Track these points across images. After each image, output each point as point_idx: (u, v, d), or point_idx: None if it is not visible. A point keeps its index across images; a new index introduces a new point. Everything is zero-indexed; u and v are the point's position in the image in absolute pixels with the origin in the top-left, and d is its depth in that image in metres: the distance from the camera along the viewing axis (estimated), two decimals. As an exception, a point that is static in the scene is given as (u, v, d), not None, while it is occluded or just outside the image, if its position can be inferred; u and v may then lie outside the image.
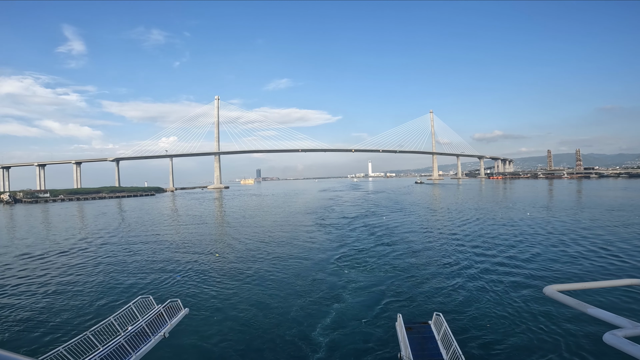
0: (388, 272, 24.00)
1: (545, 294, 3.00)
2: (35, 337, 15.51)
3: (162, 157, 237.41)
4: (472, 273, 23.24)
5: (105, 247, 36.62)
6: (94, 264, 28.99)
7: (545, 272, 23.06)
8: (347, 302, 18.87)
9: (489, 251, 29.34)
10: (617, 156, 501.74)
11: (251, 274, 24.55)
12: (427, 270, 24.18)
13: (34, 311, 18.66)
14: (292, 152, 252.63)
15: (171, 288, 21.88)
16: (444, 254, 28.79)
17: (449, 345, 10.87)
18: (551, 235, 35.45)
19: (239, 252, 32.38)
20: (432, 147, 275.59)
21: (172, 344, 13.46)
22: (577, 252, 28.37)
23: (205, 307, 18.53)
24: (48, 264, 29.49)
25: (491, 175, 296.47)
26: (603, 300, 17.43)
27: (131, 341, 11.26)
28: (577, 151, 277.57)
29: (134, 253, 33.10)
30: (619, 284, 3.22)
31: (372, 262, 26.92)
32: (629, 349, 2.03)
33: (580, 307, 2.69)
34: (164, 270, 26.15)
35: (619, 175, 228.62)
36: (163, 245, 36.68)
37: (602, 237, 33.47)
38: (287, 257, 29.62)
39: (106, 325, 11.45)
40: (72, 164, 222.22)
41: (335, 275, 23.74)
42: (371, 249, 31.77)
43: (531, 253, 28.29)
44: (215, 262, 28.35)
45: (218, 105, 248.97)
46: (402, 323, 12.75)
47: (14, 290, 22.69)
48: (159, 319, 12.72)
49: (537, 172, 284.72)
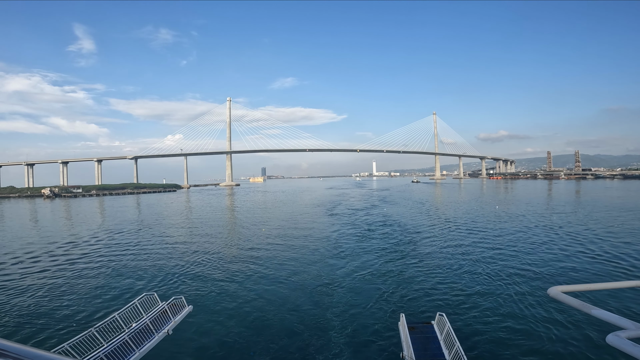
0: (390, 273, 23.38)
1: (550, 295, 2.94)
2: (39, 333, 15.15)
3: (178, 155, 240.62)
4: (474, 273, 22.46)
5: (138, 240, 37.20)
6: (108, 258, 28.93)
7: (547, 273, 22.20)
8: (349, 300, 18.28)
9: (491, 252, 28.53)
10: (624, 157, 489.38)
11: (256, 271, 24.06)
12: (429, 271, 23.50)
13: (40, 306, 18.29)
14: (299, 151, 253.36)
15: (176, 285, 21.43)
16: (445, 254, 28.05)
17: (452, 346, 10.46)
18: (551, 236, 34.48)
19: (247, 246, 32.02)
20: (435, 147, 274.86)
21: (176, 341, 13.05)
22: (579, 251, 27.44)
23: (210, 305, 18.04)
24: (70, 257, 29.47)
25: (491, 175, 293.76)
26: (607, 301, 16.66)
27: (135, 338, 10.92)
28: (577, 152, 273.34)
29: (151, 248, 33.05)
30: (623, 286, 3.23)
31: (373, 262, 26.34)
32: (633, 350, 1.99)
33: (584, 309, 2.64)
34: (171, 267, 25.73)
35: (614, 177, 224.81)
36: (184, 240, 36.95)
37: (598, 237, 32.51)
38: (296, 251, 29.24)
39: (110, 322, 11.14)
40: (94, 161, 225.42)
41: (339, 274, 23.20)
42: (376, 244, 31.42)
43: (534, 253, 27.41)
44: (220, 259, 27.98)
45: (230, 106, 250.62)
46: (404, 323, 12.38)
47: (22, 283, 22.59)
48: (163, 316, 12.33)
49: (536, 172, 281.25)
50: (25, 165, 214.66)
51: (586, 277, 21.42)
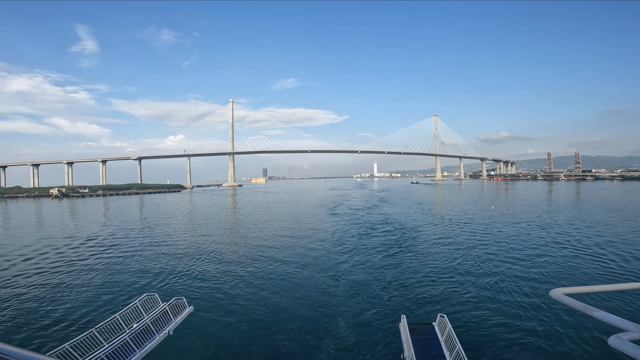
0: (390, 273, 23.21)
1: (552, 296, 2.92)
2: (40, 333, 15.05)
3: (181, 156, 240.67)
4: (476, 274, 22.26)
5: (142, 239, 37.08)
6: (111, 257, 28.86)
7: (549, 274, 21.96)
8: (351, 301, 18.11)
9: (493, 252, 28.28)
10: (626, 158, 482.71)
11: (257, 272, 23.89)
12: (430, 271, 23.30)
13: (41, 306, 18.18)
14: (301, 152, 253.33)
15: (176, 286, 21.29)
16: (446, 255, 27.81)
17: (453, 347, 10.34)
18: (552, 236, 34.22)
19: (249, 246, 31.91)
20: (436, 149, 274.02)
21: (177, 342, 12.93)
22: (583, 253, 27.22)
23: (211, 305, 17.89)
24: (71, 256, 29.46)
25: (492, 176, 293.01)
26: (609, 303, 16.45)
27: (136, 338, 10.85)
28: (577, 154, 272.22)
29: (147, 249, 32.94)
30: (625, 288, 3.23)
31: (374, 261, 26.17)
32: (635, 352, 1.98)
33: (586, 311, 2.63)
34: (173, 267, 25.62)
35: (613, 178, 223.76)
36: (188, 240, 36.95)
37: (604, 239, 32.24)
38: (297, 251, 29.06)
39: (111, 322, 11.06)
40: (99, 162, 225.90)
41: (339, 273, 23.04)
42: (377, 241, 31.39)
43: (536, 254, 27.14)
44: (223, 259, 27.86)
45: (232, 107, 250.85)
46: (405, 324, 12.26)
47: (26, 282, 22.54)
48: (164, 317, 12.24)
49: (536, 174, 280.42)
50: (31, 166, 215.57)
51: (588, 279, 21.21)
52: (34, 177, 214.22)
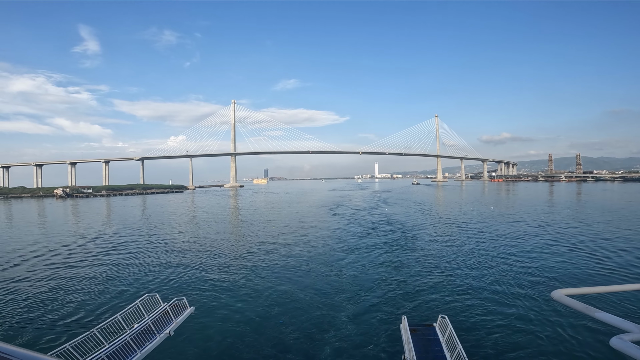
0: (392, 273, 23.10)
1: (553, 297, 2.92)
2: (41, 333, 15.01)
3: (183, 157, 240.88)
4: (476, 275, 22.13)
5: (141, 240, 36.95)
6: (110, 258, 28.84)
7: (550, 275, 21.81)
8: (352, 303, 18.01)
9: (494, 253, 28.13)
10: (628, 160, 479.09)
11: (259, 272, 23.81)
12: (430, 272, 23.18)
13: (42, 306, 18.13)
14: (302, 153, 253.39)
15: (178, 286, 21.23)
16: (446, 255, 27.67)
17: (454, 348, 10.20)
18: (553, 237, 34.06)
19: (251, 246, 31.86)
20: (437, 150, 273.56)
21: (178, 343, 12.90)
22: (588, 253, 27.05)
23: (212, 306, 17.81)
24: (75, 255, 29.48)
25: (493, 178, 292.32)
26: (611, 304, 16.31)
27: (137, 339, 10.80)
28: (578, 155, 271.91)
29: (152, 248, 32.91)
30: (628, 289, 3.21)
31: (374, 260, 26.05)
32: (637, 353, 1.97)
33: (588, 312, 2.62)
34: (174, 267, 25.57)
35: (614, 180, 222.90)
36: (190, 239, 36.95)
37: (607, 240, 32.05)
38: (298, 252, 28.96)
39: (112, 323, 11.01)
40: (102, 162, 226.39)
41: (340, 274, 22.94)
42: (379, 240, 31.30)
43: (537, 256, 26.98)
44: (224, 259, 27.80)
45: (234, 109, 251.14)
46: (406, 325, 12.11)
47: (26, 282, 22.45)
48: (165, 317, 12.20)
49: (537, 175, 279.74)
50: (35, 166, 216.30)
51: (590, 280, 21.08)
52: (37, 178, 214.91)
